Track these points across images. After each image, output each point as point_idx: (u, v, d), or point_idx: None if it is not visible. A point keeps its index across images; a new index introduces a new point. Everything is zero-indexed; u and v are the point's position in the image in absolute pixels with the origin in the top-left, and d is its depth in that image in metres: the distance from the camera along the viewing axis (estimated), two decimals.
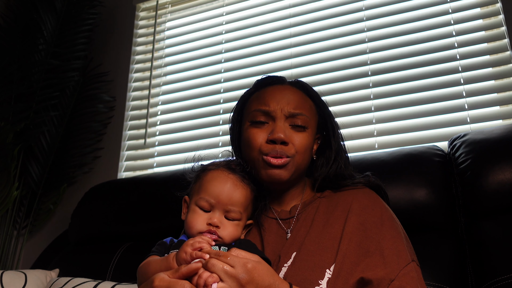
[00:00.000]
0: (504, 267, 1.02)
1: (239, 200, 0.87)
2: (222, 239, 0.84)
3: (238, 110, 1.07)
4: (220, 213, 0.86)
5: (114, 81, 2.23)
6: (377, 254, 0.84)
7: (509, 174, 1.12)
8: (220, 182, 0.88)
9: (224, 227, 0.85)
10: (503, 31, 1.58)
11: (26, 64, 2.02)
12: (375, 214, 0.90)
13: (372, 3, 1.83)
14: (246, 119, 0.99)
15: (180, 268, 0.73)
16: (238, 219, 0.87)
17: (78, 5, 2.20)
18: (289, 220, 0.95)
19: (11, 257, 2.01)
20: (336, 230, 0.88)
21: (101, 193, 1.71)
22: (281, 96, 0.96)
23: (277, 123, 0.93)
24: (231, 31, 2.10)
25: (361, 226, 0.88)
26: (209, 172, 0.91)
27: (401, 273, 0.81)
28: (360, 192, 0.96)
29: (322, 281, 0.81)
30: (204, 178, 0.91)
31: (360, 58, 1.78)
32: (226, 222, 0.86)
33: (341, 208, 0.93)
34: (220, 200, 0.86)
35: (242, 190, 0.89)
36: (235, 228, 0.87)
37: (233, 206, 0.86)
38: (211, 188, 0.87)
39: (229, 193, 0.87)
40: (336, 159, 0.99)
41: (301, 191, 1.01)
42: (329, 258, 0.84)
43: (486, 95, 1.54)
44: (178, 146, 2.00)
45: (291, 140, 0.93)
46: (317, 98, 1.04)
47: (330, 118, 1.03)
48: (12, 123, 1.93)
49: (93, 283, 1.27)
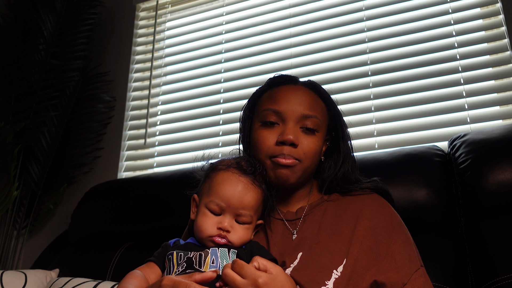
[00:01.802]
0: (504, 267, 1.02)
1: (250, 203, 0.86)
2: (232, 243, 0.83)
3: (249, 107, 1.05)
4: (231, 217, 0.85)
5: (114, 81, 2.23)
6: (389, 258, 0.85)
7: (509, 174, 1.12)
8: (231, 185, 0.86)
9: (234, 231, 0.84)
10: (503, 31, 1.58)
11: (26, 64, 2.01)
12: (385, 219, 0.91)
13: (372, 3, 1.83)
14: (257, 119, 0.98)
15: (194, 275, 0.73)
16: (249, 223, 0.86)
17: (78, 5, 2.20)
18: (296, 221, 0.95)
19: (11, 257, 2.01)
20: (345, 235, 0.89)
21: (101, 193, 1.71)
22: (293, 97, 0.95)
23: (288, 125, 0.92)
24: (231, 31, 2.10)
25: (371, 231, 0.89)
26: (219, 173, 0.89)
27: (413, 278, 0.83)
28: (370, 197, 0.97)
29: (329, 281, 0.81)
30: (214, 179, 0.88)
31: (360, 58, 1.78)
32: (236, 226, 0.85)
33: (350, 213, 0.93)
34: (231, 204, 0.84)
35: (253, 193, 0.87)
36: (245, 232, 0.85)
37: (244, 210, 0.85)
38: (221, 191, 0.85)
39: (240, 197, 0.84)
40: (344, 162, 0.99)
41: (308, 192, 1.01)
42: (336, 260, 0.84)
43: (486, 95, 1.54)
44: (178, 146, 2.00)
45: (300, 143, 0.92)
46: (329, 99, 1.02)
47: (340, 120, 1.02)
48: (12, 123, 1.93)
49: (93, 283, 1.27)
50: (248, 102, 1.06)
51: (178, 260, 0.81)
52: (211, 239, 0.83)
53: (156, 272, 0.85)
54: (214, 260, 0.79)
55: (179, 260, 0.81)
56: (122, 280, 0.81)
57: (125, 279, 0.81)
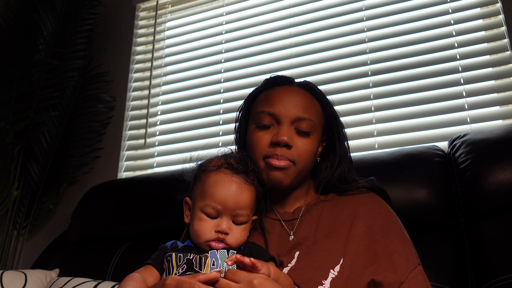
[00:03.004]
0: (504, 267, 1.02)
1: (245, 203, 0.85)
2: (230, 245, 0.83)
3: (246, 108, 1.06)
4: (228, 218, 0.84)
5: (114, 81, 2.23)
6: (386, 257, 0.85)
7: (509, 174, 1.12)
8: (224, 186, 0.84)
9: (232, 233, 0.83)
10: (503, 31, 1.58)
11: (26, 64, 2.02)
12: (382, 218, 0.91)
13: (372, 3, 1.83)
14: (252, 121, 0.98)
15: (198, 275, 0.73)
16: (245, 222, 0.86)
17: (78, 5, 2.20)
18: (292, 222, 0.95)
19: (11, 257, 2.01)
20: (341, 234, 0.89)
21: (101, 193, 1.71)
22: (288, 98, 0.95)
23: (282, 127, 0.92)
24: (231, 31, 2.10)
25: (368, 230, 0.89)
26: (210, 174, 0.87)
27: (410, 276, 0.83)
28: (366, 196, 0.97)
29: (326, 281, 0.81)
30: (206, 182, 0.87)
31: (360, 58, 1.78)
32: (234, 227, 0.84)
33: (347, 213, 0.93)
34: (228, 206, 0.83)
35: (248, 192, 0.86)
36: (242, 233, 0.85)
37: (241, 210, 0.84)
38: (216, 194, 0.84)
39: (236, 198, 0.83)
40: (340, 163, 0.99)
41: (305, 193, 1.01)
42: (333, 260, 0.85)
43: (486, 95, 1.54)
44: (178, 146, 2.00)
45: (294, 144, 0.92)
46: (325, 101, 1.02)
47: (336, 121, 1.02)
48: (12, 123, 1.93)
49: (93, 283, 1.27)
50: (244, 103, 1.07)
51: (177, 261, 0.80)
52: (208, 243, 0.82)
53: (154, 275, 0.85)
54: (214, 262, 0.79)
55: (179, 262, 0.80)
56: (121, 283, 0.81)
57: (124, 281, 0.81)
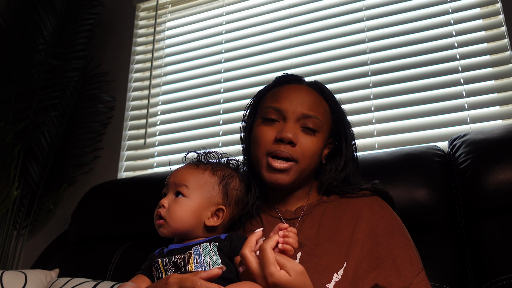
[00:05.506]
0: (504, 267, 1.01)
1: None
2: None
3: (253, 105, 1.05)
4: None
5: (114, 81, 2.23)
6: (390, 261, 0.84)
7: (509, 174, 1.12)
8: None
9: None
10: (503, 31, 1.58)
11: (26, 64, 2.01)
12: (385, 221, 0.91)
13: (372, 3, 1.83)
14: (259, 116, 0.98)
15: (200, 272, 0.73)
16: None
17: (78, 5, 2.20)
18: (294, 221, 0.95)
19: (11, 257, 2.01)
20: (344, 237, 0.88)
21: (101, 193, 1.71)
22: (295, 96, 0.95)
23: (287, 123, 0.92)
24: (231, 31, 2.10)
25: (371, 233, 0.88)
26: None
27: (414, 282, 0.83)
28: (369, 199, 0.96)
29: (329, 284, 0.81)
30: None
31: (360, 58, 1.78)
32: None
33: (350, 215, 0.92)
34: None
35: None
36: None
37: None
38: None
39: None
40: (345, 167, 0.98)
41: (307, 193, 1.00)
42: (337, 263, 0.84)
43: (486, 95, 1.54)
44: (178, 146, 2.00)
45: (299, 142, 0.91)
46: (334, 102, 1.01)
47: (345, 125, 1.01)
48: (12, 123, 1.93)
49: (93, 283, 1.27)
50: (252, 100, 1.06)
51: (164, 266, 0.81)
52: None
53: (147, 283, 0.85)
54: (197, 259, 0.80)
55: (166, 266, 0.81)
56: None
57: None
